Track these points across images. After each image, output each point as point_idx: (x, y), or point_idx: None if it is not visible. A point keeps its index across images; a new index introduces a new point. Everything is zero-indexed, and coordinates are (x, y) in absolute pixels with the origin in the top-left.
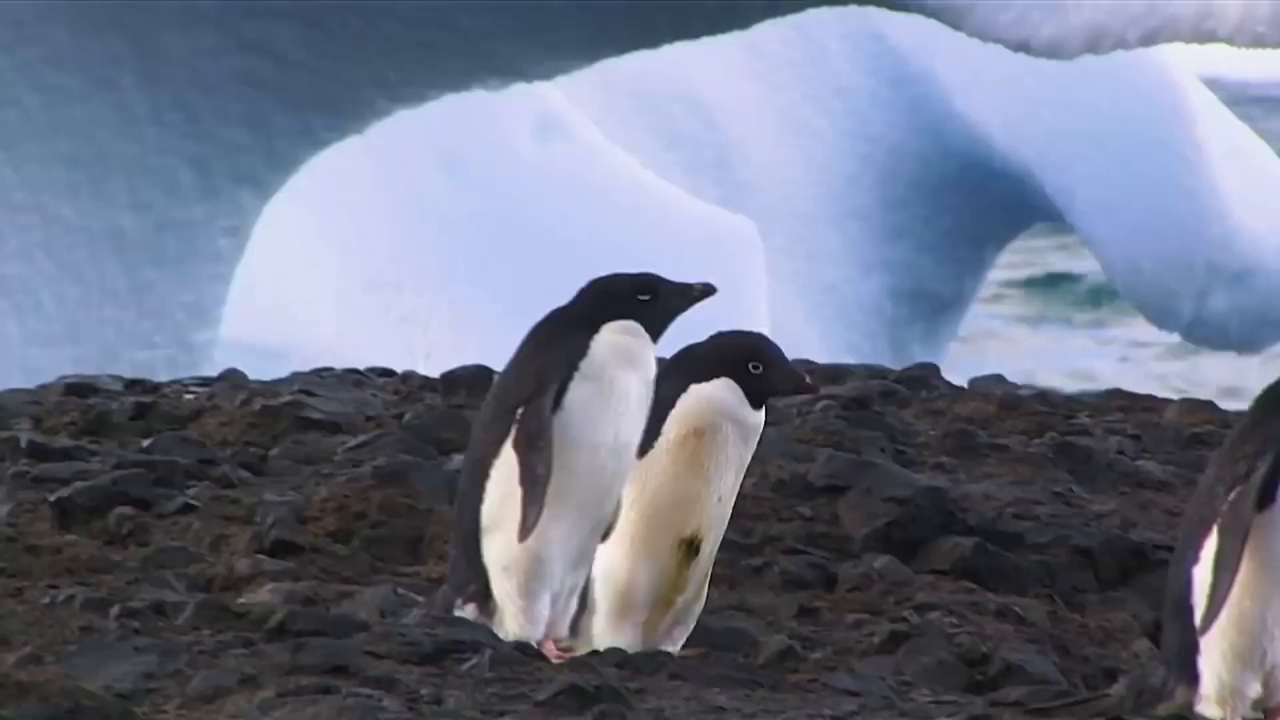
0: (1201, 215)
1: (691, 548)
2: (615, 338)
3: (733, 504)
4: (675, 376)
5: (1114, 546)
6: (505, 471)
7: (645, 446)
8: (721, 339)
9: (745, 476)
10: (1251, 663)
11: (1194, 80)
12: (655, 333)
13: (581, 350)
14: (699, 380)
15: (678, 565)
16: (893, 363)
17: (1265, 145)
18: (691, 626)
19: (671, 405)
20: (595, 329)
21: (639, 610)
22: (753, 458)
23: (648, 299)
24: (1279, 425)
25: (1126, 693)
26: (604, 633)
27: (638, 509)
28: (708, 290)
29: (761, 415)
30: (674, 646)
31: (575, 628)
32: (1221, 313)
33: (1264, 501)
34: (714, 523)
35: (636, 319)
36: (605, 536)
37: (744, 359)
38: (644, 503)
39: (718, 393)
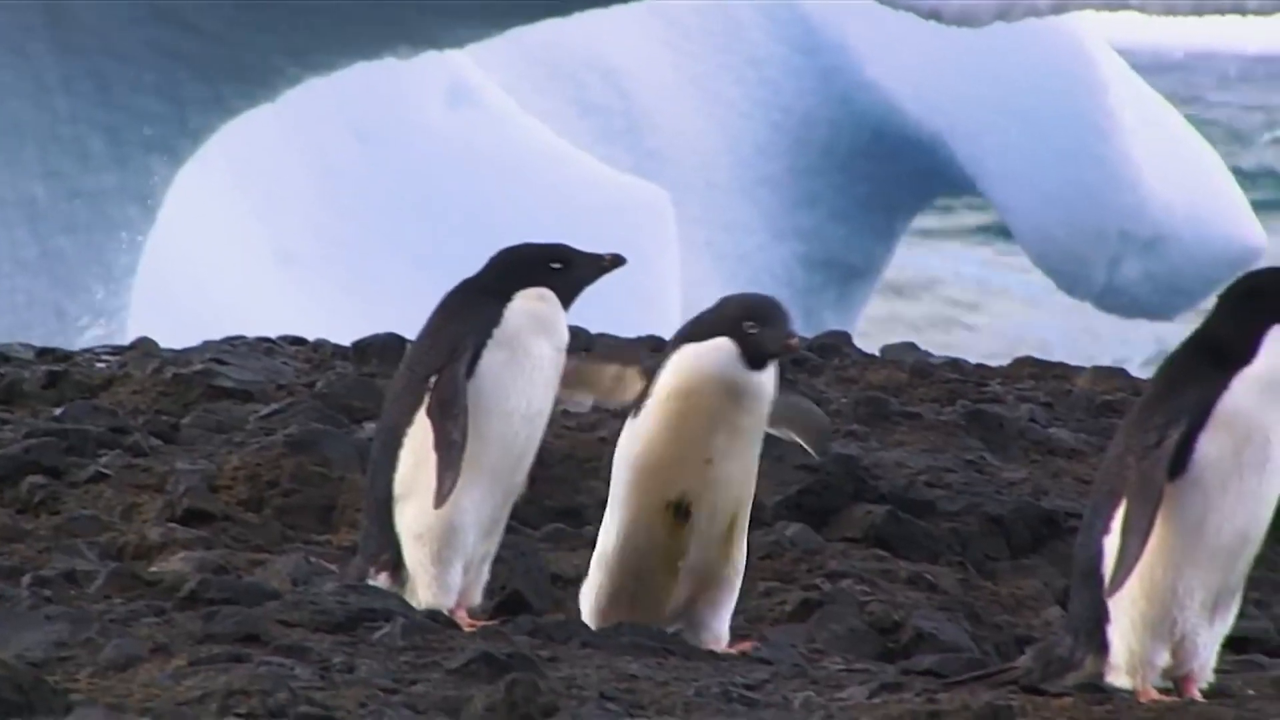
0: (1113, 183)
1: (680, 511)
2: (528, 305)
3: (743, 467)
4: (676, 337)
5: (1025, 514)
6: (419, 440)
7: (639, 408)
8: (726, 300)
9: None
10: (1161, 632)
11: (1105, 48)
12: (566, 301)
13: (495, 318)
14: (696, 340)
15: (668, 530)
16: (805, 331)
17: (1177, 113)
18: (729, 593)
19: (660, 365)
20: (507, 297)
21: (630, 575)
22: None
23: (559, 268)
24: (1188, 395)
25: (1034, 663)
26: (594, 597)
27: (626, 471)
28: (618, 260)
29: (762, 376)
30: (715, 614)
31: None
32: (1133, 280)
33: (1175, 471)
34: (707, 486)
35: (548, 287)
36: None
37: (740, 318)
38: (629, 465)
39: (707, 352)
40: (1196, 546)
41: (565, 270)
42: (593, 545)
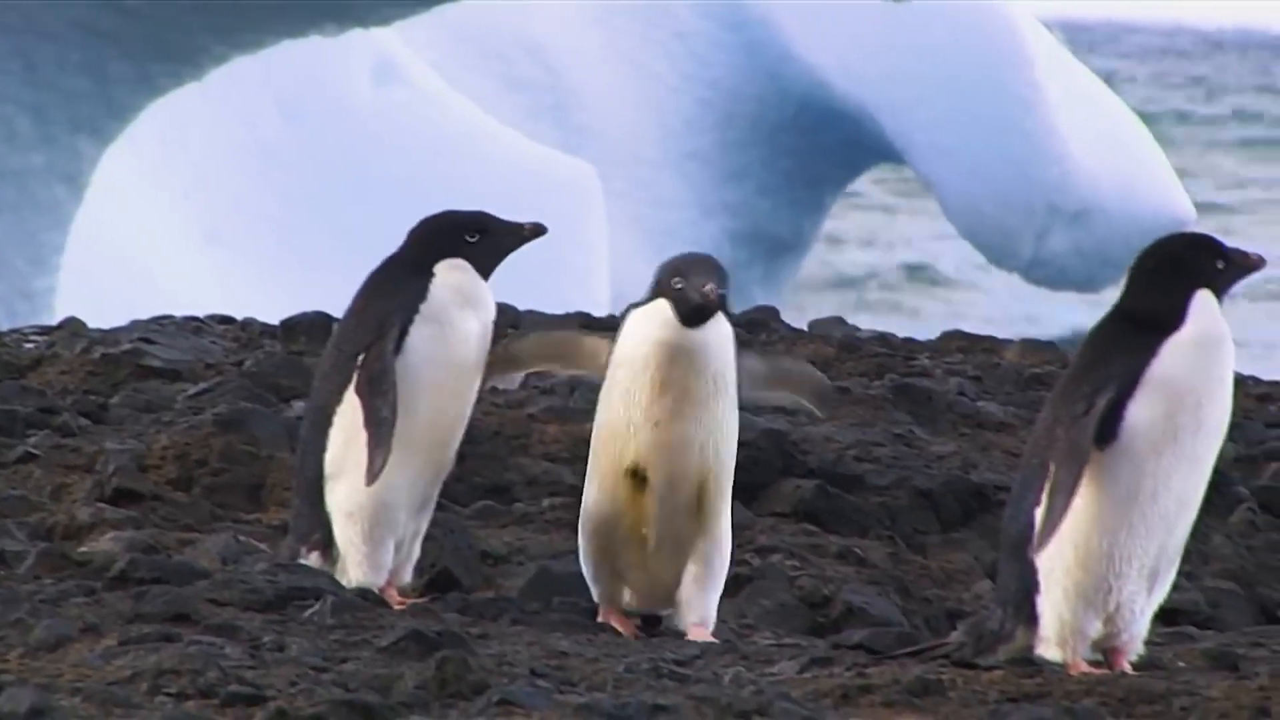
0: (1040, 157)
1: (636, 478)
2: (453, 279)
3: (702, 431)
4: (629, 306)
5: (955, 488)
6: (348, 418)
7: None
8: (665, 262)
9: (585, 421)
10: (1096, 602)
11: (1032, 22)
12: (485, 271)
13: (421, 293)
14: (640, 305)
15: (629, 497)
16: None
17: (1104, 86)
18: (713, 573)
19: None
20: (430, 271)
21: (603, 545)
22: (594, 401)
23: (477, 238)
24: (1115, 364)
25: (966, 638)
26: (584, 569)
27: (592, 441)
28: (538, 229)
29: (703, 334)
30: (700, 594)
31: None
32: (1060, 253)
33: (1106, 438)
34: (657, 450)
35: (466, 257)
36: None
37: (669, 276)
38: (593, 435)
39: (646, 314)
40: (1132, 513)
41: (484, 240)
42: (521, 522)
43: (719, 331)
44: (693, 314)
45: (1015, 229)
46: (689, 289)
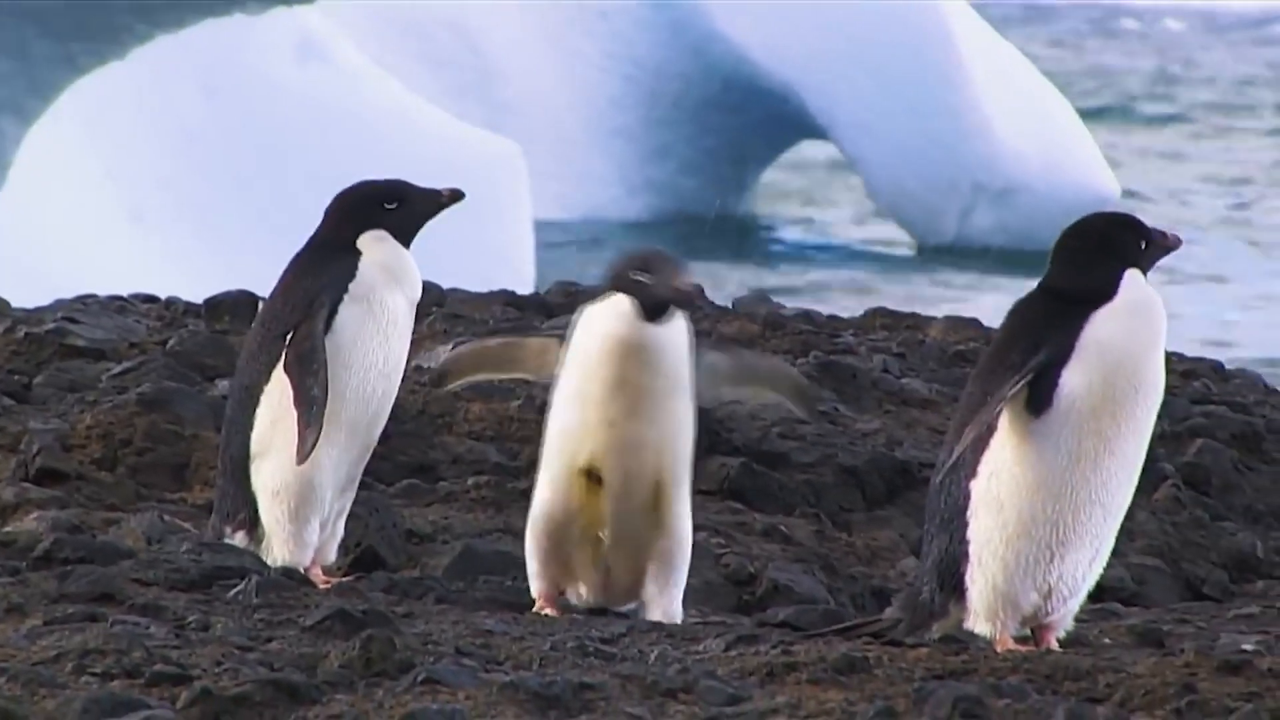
0: (964, 134)
1: (592, 477)
2: (380, 256)
3: (658, 430)
4: (583, 302)
5: (880, 465)
6: (276, 397)
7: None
8: (618, 257)
9: (509, 399)
10: (1037, 573)
11: (957, 1)
12: (406, 239)
13: (349, 272)
14: (594, 301)
15: (582, 497)
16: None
17: (1029, 64)
18: (673, 570)
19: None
20: (355, 247)
21: (554, 544)
22: (519, 380)
23: (394, 206)
24: (1045, 335)
25: (900, 614)
26: (530, 563)
27: (546, 439)
28: (455, 194)
29: (663, 330)
30: (661, 591)
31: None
32: (985, 230)
33: (1042, 407)
34: (612, 450)
35: (386, 227)
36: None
37: (629, 269)
38: (547, 433)
39: (602, 310)
40: (1075, 476)
41: (402, 207)
42: (446, 500)
43: (678, 327)
44: (657, 309)
45: (939, 207)
46: (659, 284)
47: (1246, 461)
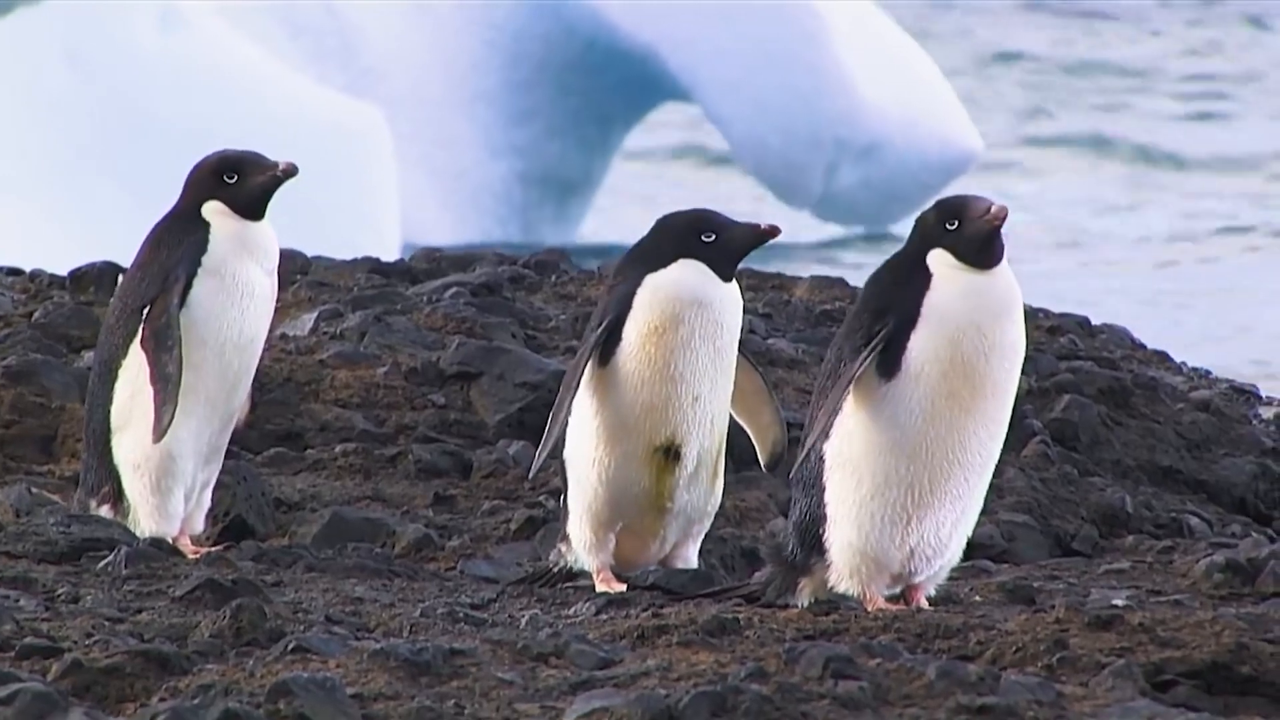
0: (826, 90)
1: (670, 454)
2: (230, 228)
3: (724, 400)
4: (629, 272)
5: None
6: (134, 371)
7: (606, 354)
8: (664, 221)
9: (376, 366)
10: (894, 535)
11: None
12: (249, 211)
13: (201, 246)
14: (654, 269)
15: (656, 474)
16: (525, 248)
17: (890, 19)
18: (706, 525)
19: (628, 304)
20: (204, 220)
21: (612, 525)
22: (385, 346)
23: (233, 180)
24: (890, 296)
25: (769, 577)
26: (580, 550)
27: (602, 420)
28: (290, 169)
29: (732, 288)
30: (692, 546)
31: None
32: (849, 188)
33: (891, 370)
34: (695, 425)
35: (223, 200)
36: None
37: (694, 232)
38: (608, 414)
39: (677, 276)
40: (928, 436)
41: (240, 181)
42: (314, 468)
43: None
44: (732, 265)
45: (803, 164)
46: (738, 236)
47: (1114, 416)
